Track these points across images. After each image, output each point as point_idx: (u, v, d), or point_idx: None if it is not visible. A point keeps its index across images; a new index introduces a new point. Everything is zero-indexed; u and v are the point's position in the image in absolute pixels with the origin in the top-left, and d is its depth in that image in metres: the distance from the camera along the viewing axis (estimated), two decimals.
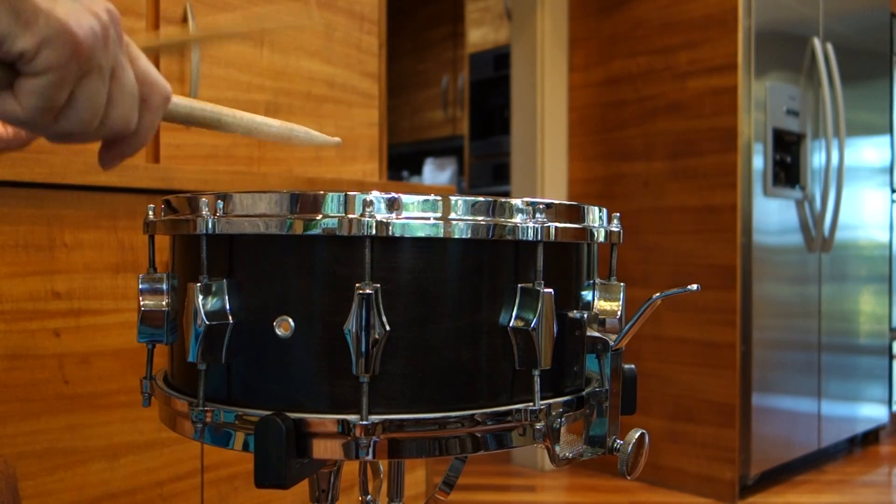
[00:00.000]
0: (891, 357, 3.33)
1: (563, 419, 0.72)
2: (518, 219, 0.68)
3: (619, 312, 0.78)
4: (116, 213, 1.28)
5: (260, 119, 0.71)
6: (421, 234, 0.65)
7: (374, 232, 0.63)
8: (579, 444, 0.74)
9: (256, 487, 0.62)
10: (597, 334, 0.74)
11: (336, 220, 0.64)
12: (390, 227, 0.63)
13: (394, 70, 4.24)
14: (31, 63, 0.44)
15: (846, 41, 2.97)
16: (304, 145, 0.76)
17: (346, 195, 0.64)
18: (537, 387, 0.68)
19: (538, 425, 0.68)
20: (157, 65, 1.41)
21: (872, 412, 3.23)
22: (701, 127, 2.59)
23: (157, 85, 0.53)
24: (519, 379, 0.69)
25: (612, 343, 0.73)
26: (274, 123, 0.72)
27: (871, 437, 3.28)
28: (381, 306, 0.63)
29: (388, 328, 0.63)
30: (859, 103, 3.07)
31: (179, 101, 0.64)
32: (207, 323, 0.65)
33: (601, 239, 0.77)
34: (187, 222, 0.69)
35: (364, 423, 0.63)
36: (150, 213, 0.77)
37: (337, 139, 0.77)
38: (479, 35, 3.97)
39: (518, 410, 0.68)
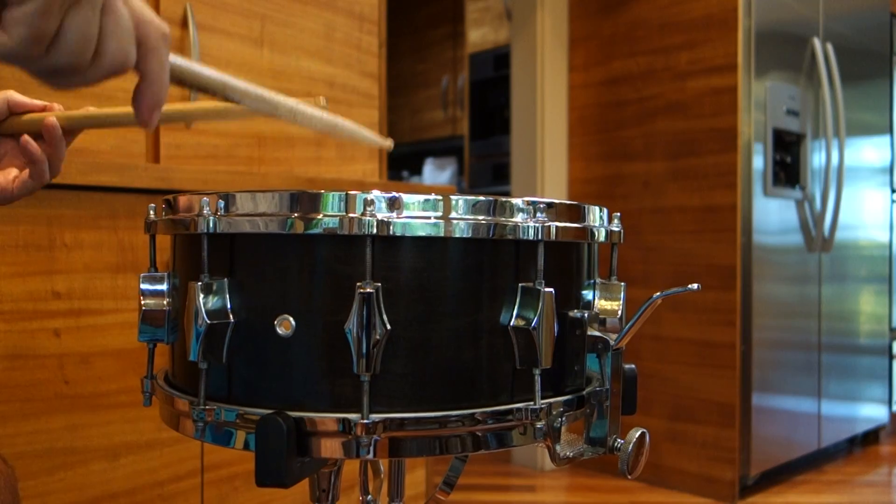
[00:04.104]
0: (891, 357, 3.33)
1: (563, 418, 0.72)
2: (519, 218, 0.68)
3: (619, 312, 0.78)
4: (116, 213, 1.28)
5: (303, 106, 0.68)
6: (422, 233, 0.65)
7: (374, 231, 0.63)
8: (580, 444, 0.74)
9: (257, 486, 0.62)
10: (597, 334, 0.74)
11: (337, 219, 0.64)
12: (391, 227, 0.63)
13: (394, 70, 4.23)
14: None
15: (846, 41, 2.97)
16: (350, 140, 0.74)
17: (346, 194, 0.64)
18: (538, 386, 0.68)
19: (539, 424, 0.68)
20: None
21: (872, 412, 3.23)
22: (701, 127, 2.59)
23: (153, 24, 0.53)
24: (519, 378, 0.69)
25: (612, 342, 0.73)
26: (319, 113, 0.71)
27: (871, 437, 3.28)
28: (381, 305, 0.63)
29: (388, 327, 0.63)
30: (859, 103, 3.07)
31: (213, 72, 0.60)
32: (208, 322, 0.65)
33: (602, 238, 0.77)
34: (188, 222, 0.69)
35: (365, 421, 0.63)
36: (152, 212, 0.77)
37: (389, 142, 0.76)
38: (479, 35, 3.97)
39: (519, 409, 0.68)
